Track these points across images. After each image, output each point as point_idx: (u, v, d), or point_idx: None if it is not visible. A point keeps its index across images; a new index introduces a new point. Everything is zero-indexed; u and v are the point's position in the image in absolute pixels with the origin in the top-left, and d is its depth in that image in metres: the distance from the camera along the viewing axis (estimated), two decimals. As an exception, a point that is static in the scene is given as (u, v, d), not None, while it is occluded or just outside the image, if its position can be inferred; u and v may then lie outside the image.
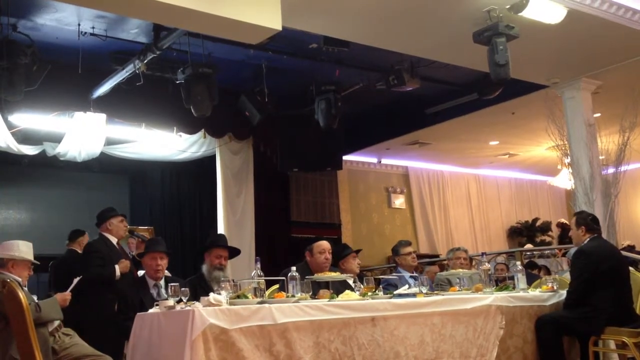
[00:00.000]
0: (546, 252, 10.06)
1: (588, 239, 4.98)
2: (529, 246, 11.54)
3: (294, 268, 4.07)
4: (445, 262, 7.78)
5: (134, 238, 7.18)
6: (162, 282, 4.75)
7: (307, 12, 5.57)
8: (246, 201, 9.34)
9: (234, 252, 5.19)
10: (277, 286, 4.46)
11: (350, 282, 4.90)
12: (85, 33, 6.53)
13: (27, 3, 5.92)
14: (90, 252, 5.43)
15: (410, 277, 5.49)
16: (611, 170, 7.42)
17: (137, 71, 6.58)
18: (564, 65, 7.16)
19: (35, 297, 4.26)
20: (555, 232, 13.32)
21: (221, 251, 4.99)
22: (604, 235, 6.36)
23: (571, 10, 5.75)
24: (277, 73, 7.78)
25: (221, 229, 8.92)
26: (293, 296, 3.81)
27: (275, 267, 5.62)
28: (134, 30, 6.60)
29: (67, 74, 6.79)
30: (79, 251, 6.52)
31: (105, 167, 9.22)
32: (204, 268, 4.95)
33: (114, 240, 5.55)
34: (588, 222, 5.02)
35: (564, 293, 4.93)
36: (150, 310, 3.72)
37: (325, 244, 5.15)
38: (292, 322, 3.53)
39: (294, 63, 7.67)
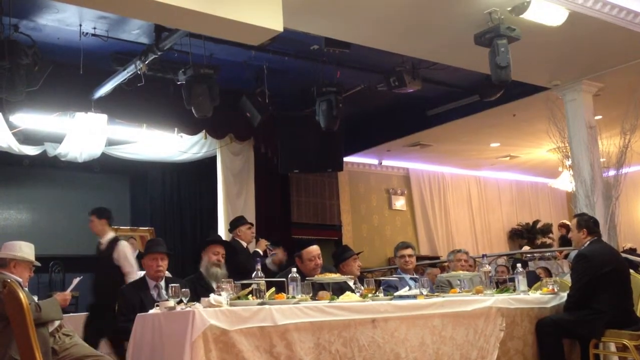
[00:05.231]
0: (547, 254, 10.04)
1: (588, 242, 4.97)
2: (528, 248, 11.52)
3: (294, 269, 4.09)
4: (446, 263, 7.78)
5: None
6: (162, 283, 4.75)
7: (308, 14, 5.57)
8: (247, 202, 9.34)
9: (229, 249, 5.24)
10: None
11: (351, 283, 4.89)
12: (87, 34, 6.54)
13: (29, 3, 5.93)
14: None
15: (411, 278, 5.48)
16: (612, 172, 7.41)
17: (139, 72, 6.58)
18: (565, 67, 7.16)
19: (35, 298, 4.26)
20: (557, 233, 13.29)
21: (217, 247, 5.03)
22: (605, 238, 6.36)
23: (572, 13, 5.74)
24: (278, 74, 7.78)
25: (221, 230, 8.92)
26: (293, 297, 3.81)
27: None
28: (135, 31, 6.62)
29: (68, 75, 6.79)
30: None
31: (106, 167, 9.22)
32: (202, 266, 4.97)
33: (244, 244, 6.67)
34: (590, 224, 5.02)
35: (564, 295, 4.91)
36: (151, 311, 3.72)
37: (314, 250, 4.89)
38: (293, 324, 3.53)
39: (295, 64, 7.67)
